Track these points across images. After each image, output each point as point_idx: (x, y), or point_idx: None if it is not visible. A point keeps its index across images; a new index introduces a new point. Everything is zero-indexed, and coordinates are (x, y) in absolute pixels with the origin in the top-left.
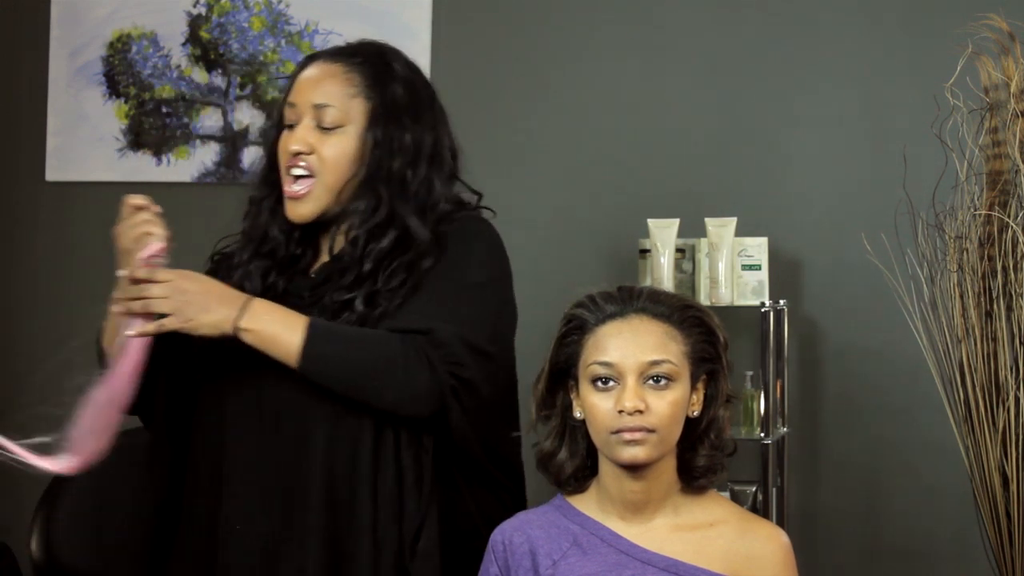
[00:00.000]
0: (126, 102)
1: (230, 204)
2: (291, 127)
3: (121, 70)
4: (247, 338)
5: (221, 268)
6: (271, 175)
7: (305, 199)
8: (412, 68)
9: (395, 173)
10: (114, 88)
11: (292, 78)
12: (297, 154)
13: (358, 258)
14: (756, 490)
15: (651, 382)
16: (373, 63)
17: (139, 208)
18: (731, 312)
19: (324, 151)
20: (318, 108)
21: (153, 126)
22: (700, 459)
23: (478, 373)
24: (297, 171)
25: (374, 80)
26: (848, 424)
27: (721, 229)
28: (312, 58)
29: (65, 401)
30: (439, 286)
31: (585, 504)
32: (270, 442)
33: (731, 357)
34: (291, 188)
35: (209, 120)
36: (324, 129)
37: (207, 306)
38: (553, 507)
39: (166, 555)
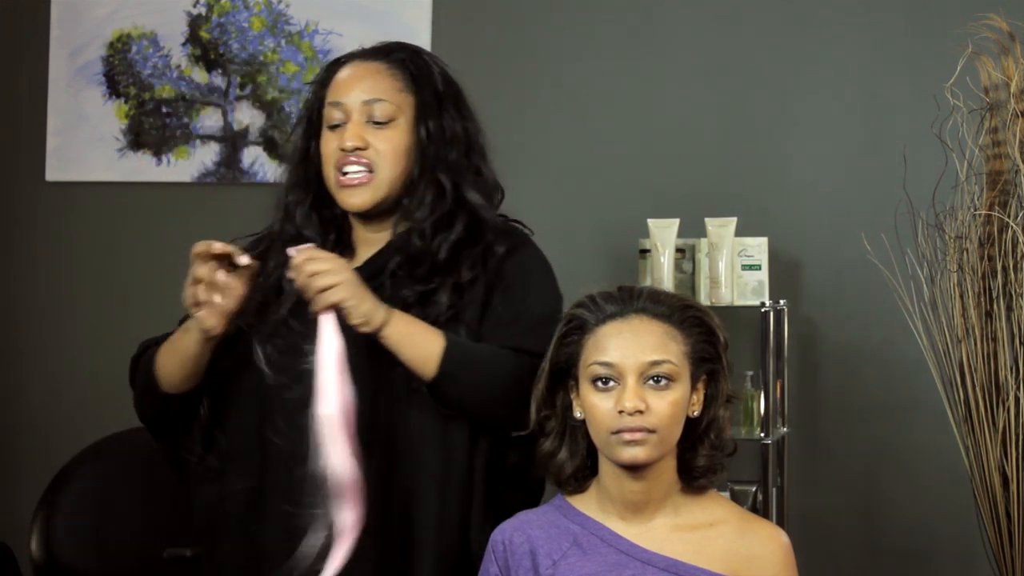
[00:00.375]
0: (126, 102)
1: (230, 204)
2: (335, 127)
3: (121, 70)
4: (390, 334)
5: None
6: (306, 178)
7: (364, 187)
8: (443, 63)
9: (453, 162)
10: (114, 88)
11: (322, 82)
12: (354, 150)
13: (428, 249)
14: (756, 490)
15: (651, 382)
16: (412, 59)
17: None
18: (731, 312)
19: (379, 145)
20: (369, 104)
21: (153, 126)
22: (700, 459)
23: None
24: (352, 168)
25: (417, 74)
26: (848, 424)
27: (721, 229)
28: (343, 60)
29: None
30: (536, 302)
31: (585, 504)
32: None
33: (731, 357)
34: (347, 177)
35: (209, 120)
36: (376, 124)
37: (365, 293)
38: (553, 507)
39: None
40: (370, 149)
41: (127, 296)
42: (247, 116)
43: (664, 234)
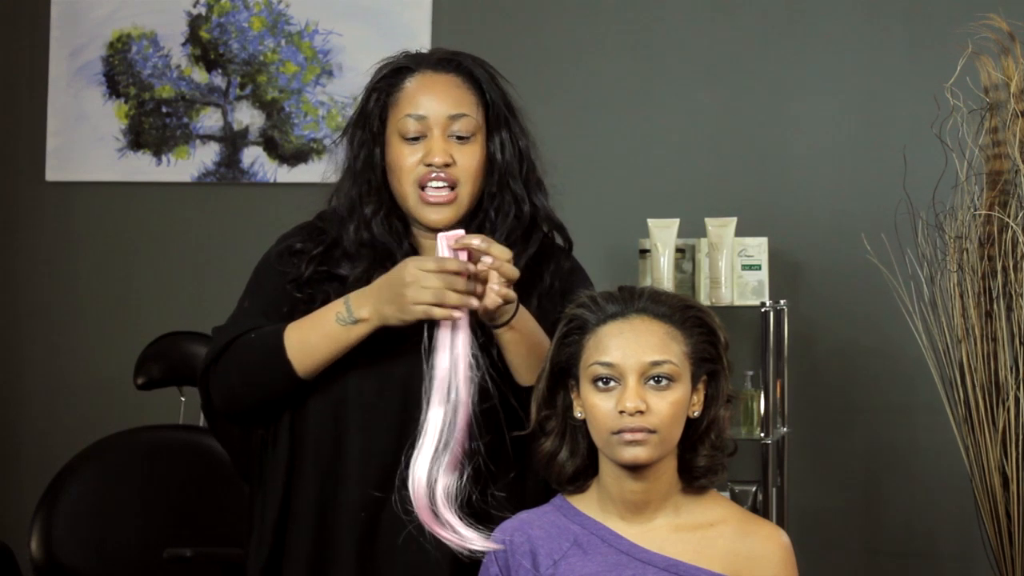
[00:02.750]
0: (126, 102)
1: (230, 204)
2: (412, 139)
3: (121, 70)
4: (514, 332)
5: (296, 265)
6: (375, 187)
7: (449, 205)
8: (499, 72)
9: (525, 177)
10: (114, 88)
11: (386, 90)
12: (444, 166)
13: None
14: (756, 490)
15: (652, 382)
16: (479, 71)
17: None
18: (731, 312)
19: (463, 161)
20: (453, 118)
21: (153, 126)
22: (701, 459)
23: None
24: (437, 184)
25: (487, 87)
26: (848, 424)
27: (721, 229)
28: (406, 68)
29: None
30: None
31: (586, 504)
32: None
33: (731, 357)
34: (432, 194)
35: (209, 120)
36: (459, 139)
37: None
38: (553, 507)
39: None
40: (454, 165)
41: (127, 296)
42: (247, 116)
43: (664, 234)
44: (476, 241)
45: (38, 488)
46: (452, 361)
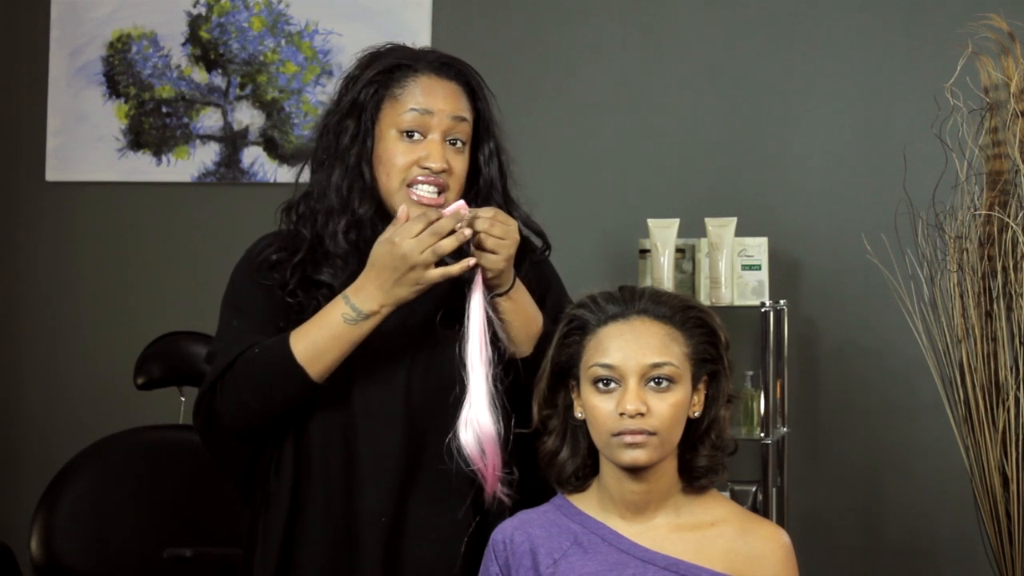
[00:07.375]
0: (126, 102)
1: (230, 204)
2: (410, 135)
3: (121, 70)
4: (512, 303)
5: (278, 278)
6: (367, 185)
7: (436, 209)
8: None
9: (503, 187)
10: (114, 88)
11: (383, 84)
12: (441, 171)
13: None
14: (756, 490)
15: (652, 384)
16: (473, 80)
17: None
18: (731, 312)
19: (456, 167)
20: (457, 120)
21: (153, 126)
22: (701, 459)
23: None
24: (427, 188)
25: (478, 94)
26: (848, 424)
27: (721, 229)
28: (407, 66)
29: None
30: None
31: (586, 503)
32: (407, 432)
33: (731, 357)
34: (423, 194)
35: (209, 120)
36: (452, 143)
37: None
38: (554, 506)
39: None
40: (448, 172)
41: (127, 296)
42: (247, 116)
43: (664, 234)
44: (466, 213)
45: (38, 488)
46: (481, 320)
